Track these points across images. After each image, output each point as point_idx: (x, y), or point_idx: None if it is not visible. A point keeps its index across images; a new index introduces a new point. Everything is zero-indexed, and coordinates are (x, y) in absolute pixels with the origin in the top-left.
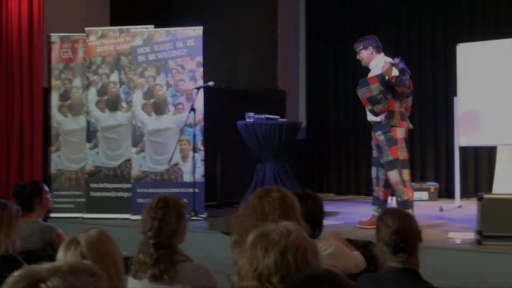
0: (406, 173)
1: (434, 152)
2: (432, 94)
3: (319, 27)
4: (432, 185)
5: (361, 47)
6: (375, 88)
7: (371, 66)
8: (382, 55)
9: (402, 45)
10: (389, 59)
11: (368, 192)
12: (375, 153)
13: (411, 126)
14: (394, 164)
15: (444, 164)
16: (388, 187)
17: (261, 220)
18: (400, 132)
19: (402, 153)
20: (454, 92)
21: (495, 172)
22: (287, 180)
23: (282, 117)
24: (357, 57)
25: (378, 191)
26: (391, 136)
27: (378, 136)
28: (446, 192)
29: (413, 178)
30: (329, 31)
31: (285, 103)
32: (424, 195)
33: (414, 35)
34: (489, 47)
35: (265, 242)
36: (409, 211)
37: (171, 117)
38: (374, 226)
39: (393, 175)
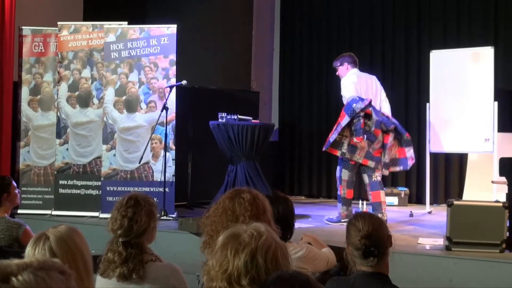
0: (341, 171)
1: None
2: (404, 100)
3: (294, 28)
4: (403, 190)
5: (338, 64)
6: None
7: (342, 80)
8: (355, 70)
9: (375, 51)
10: (363, 74)
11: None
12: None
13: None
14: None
15: (415, 170)
16: (351, 187)
17: (231, 221)
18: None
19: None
20: (427, 99)
21: (466, 179)
22: (259, 182)
23: (254, 118)
24: (337, 73)
25: (341, 190)
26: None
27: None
28: (416, 198)
29: (384, 183)
30: (304, 32)
31: (258, 105)
32: (395, 200)
33: (387, 41)
34: (462, 55)
35: (236, 243)
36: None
37: (143, 115)
38: (341, 223)
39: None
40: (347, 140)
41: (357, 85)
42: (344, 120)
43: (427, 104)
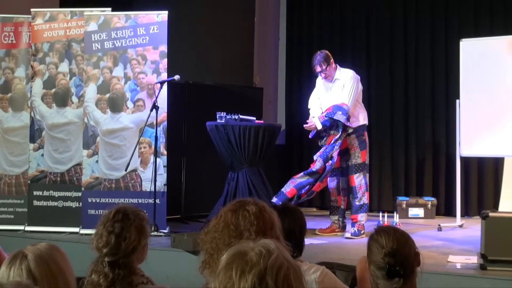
0: (367, 178)
1: (432, 162)
2: (430, 97)
3: (303, 14)
4: (429, 200)
5: (326, 65)
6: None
7: (336, 76)
8: (338, 66)
9: (396, 41)
10: (345, 70)
11: None
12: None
13: None
14: (361, 167)
15: (443, 177)
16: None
17: (235, 237)
18: (367, 137)
19: (368, 158)
20: (456, 95)
21: (502, 187)
22: (263, 191)
23: (258, 119)
24: (322, 76)
25: (340, 201)
26: (363, 140)
27: (351, 140)
28: (445, 209)
29: (408, 192)
30: (315, 19)
31: (262, 103)
32: (420, 212)
33: (410, 30)
34: (497, 44)
35: (242, 263)
36: (364, 215)
37: (130, 116)
38: (334, 233)
39: (358, 178)
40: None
41: None
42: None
43: (457, 101)
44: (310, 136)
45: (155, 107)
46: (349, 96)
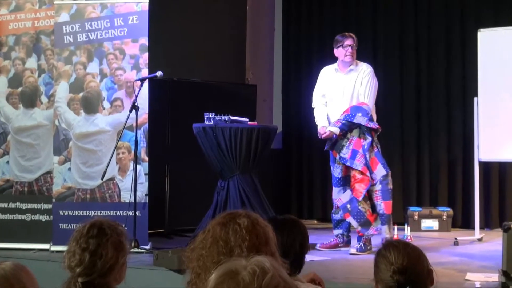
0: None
1: (447, 168)
2: (445, 95)
3: (301, 1)
4: (445, 211)
5: (356, 43)
6: None
7: (352, 66)
8: None
9: (406, 32)
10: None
11: None
12: (339, 172)
13: None
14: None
15: (460, 184)
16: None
17: (224, 254)
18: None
19: None
20: (474, 92)
21: None
22: (257, 202)
23: (251, 120)
24: (348, 51)
25: (345, 214)
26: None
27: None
28: (462, 221)
29: (420, 202)
30: (314, 8)
31: (255, 102)
32: (434, 224)
33: (422, 20)
34: None
35: (233, 284)
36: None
37: (106, 117)
38: (338, 248)
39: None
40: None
41: None
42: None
43: (475, 99)
44: (325, 148)
45: (134, 107)
46: (368, 93)
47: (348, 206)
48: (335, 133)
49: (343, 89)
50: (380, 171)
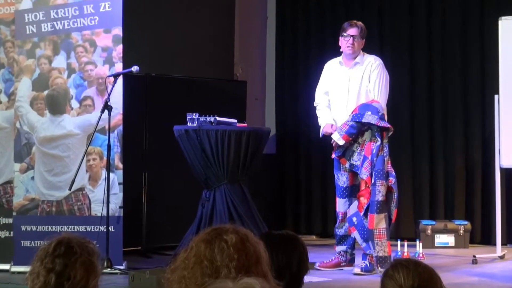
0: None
1: (464, 176)
2: (462, 92)
3: None
4: (462, 224)
5: (362, 34)
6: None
7: (357, 59)
8: None
9: (417, 22)
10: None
11: None
12: (345, 181)
13: None
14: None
15: (478, 194)
16: None
17: (210, 276)
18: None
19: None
20: (494, 89)
21: None
22: (248, 215)
23: (241, 121)
24: (349, 42)
25: (350, 228)
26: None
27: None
28: (482, 236)
29: (434, 215)
30: None
31: (245, 100)
32: (450, 239)
33: (435, 7)
34: None
35: None
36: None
37: (75, 119)
38: (340, 268)
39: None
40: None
41: None
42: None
43: (496, 96)
44: (335, 155)
45: (107, 107)
46: (378, 89)
47: (354, 219)
48: (338, 143)
49: (347, 85)
50: None
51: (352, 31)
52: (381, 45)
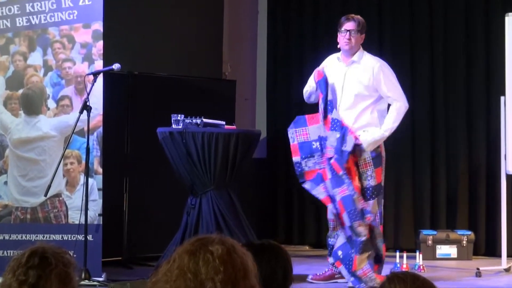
0: (382, 205)
1: (468, 183)
2: (465, 93)
3: None
4: (465, 235)
5: (359, 28)
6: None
7: (355, 57)
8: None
9: (418, 17)
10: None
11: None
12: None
13: None
14: (376, 191)
15: (483, 203)
16: None
17: None
18: (383, 150)
19: (383, 178)
20: (500, 90)
21: None
22: (236, 224)
23: (229, 123)
24: (346, 37)
25: (336, 263)
26: (378, 152)
27: (361, 152)
28: (486, 247)
29: (435, 224)
30: None
31: (234, 101)
32: (452, 250)
33: (436, 2)
34: None
35: None
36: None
37: (51, 120)
38: (334, 280)
39: (374, 206)
40: None
41: None
42: None
43: (502, 98)
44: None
45: (86, 107)
46: (393, 90)
47: (340, 252)
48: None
49: (342, 84)
50: None
51: (349, 25)
52: (380, 44)
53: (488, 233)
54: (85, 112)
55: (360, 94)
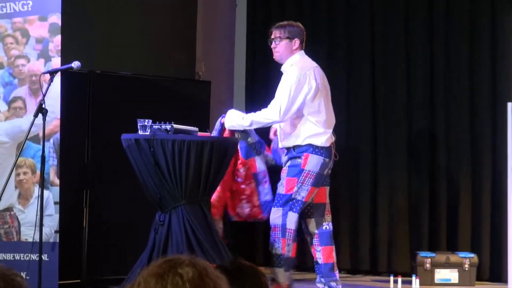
0: (294, 221)
1: (471, 200)
2: (469, 99)
3: None
4: (467, 257)
5: (285, 35)
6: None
7: (285, 65)
8: (302, 52)
9: (415, 16)
10: (308, 61)
11: (355, 265)
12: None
13: None
14: (280, 201)
15: (487, 222)
16: (327, 243)
17: None
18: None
19: (302, 193)
20: (507, 96)
21: None
22: (210, 243)
23: (203, 130)
24: (272, 46)
25: (314, 253)
26: (297, 163)
27: (284, 160)
28: (491, 271)
29: (433, 245)
30: None
31: (208, 104)
32: (453, 275)
33: (438, 3)
34: None
35: None
36: (281, 271)
37: (2, 124)
38: None
39: (275, 216)
40: None
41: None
42: None
43: (509, 104)
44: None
45: (41, 110)
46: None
47: None
48: None
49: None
50: None
51: (274, 33)
52: (372, 44)
53: (493, 256)
54: (40, 115)
55: None
